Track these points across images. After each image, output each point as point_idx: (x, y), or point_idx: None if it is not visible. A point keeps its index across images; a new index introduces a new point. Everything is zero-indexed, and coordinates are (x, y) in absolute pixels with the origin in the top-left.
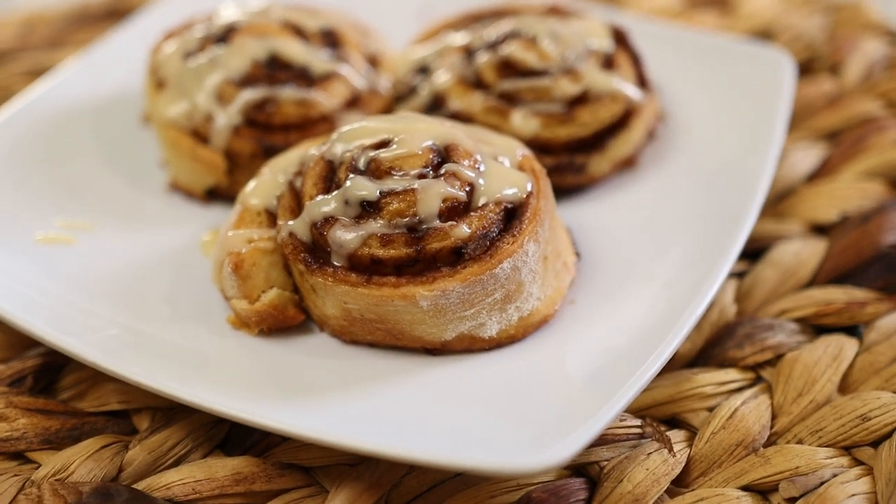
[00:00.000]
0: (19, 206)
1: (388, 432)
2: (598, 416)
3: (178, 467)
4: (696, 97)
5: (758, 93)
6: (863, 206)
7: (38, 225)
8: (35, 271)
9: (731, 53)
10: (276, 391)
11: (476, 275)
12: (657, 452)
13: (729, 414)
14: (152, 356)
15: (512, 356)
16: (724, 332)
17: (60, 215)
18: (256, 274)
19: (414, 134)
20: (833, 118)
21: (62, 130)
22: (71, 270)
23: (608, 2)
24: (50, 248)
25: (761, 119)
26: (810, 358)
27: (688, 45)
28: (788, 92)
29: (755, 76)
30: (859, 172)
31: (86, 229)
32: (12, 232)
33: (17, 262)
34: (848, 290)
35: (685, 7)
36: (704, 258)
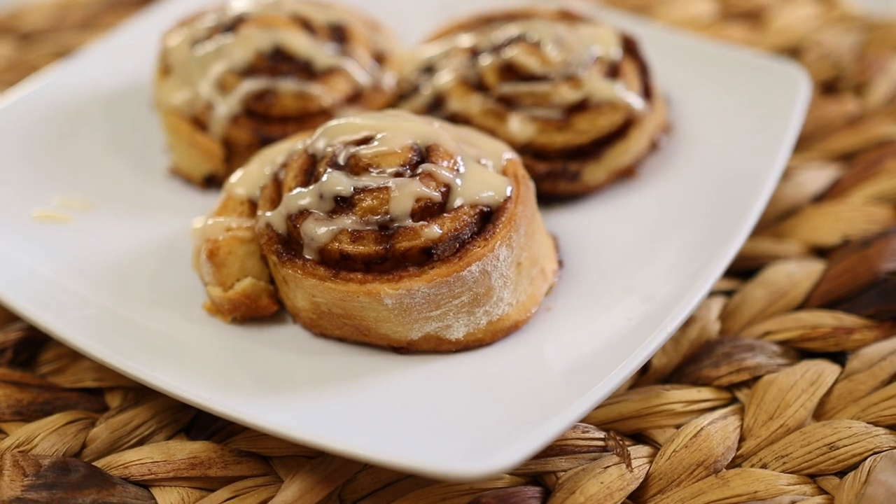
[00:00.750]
0: (22, 182)
1: (343, 428)
2: (548, 427)
3: (139, 447)
4: (708, 110)
5: (770, 109)
6: (868, 230)
7: (38, 201)
8: (25, 247)
9: (748, 67)
10: (238, 379)
11: (442, 276)
12: (615, 466)
13: (694, 433)
14: (123, 337)
15: (478, 360)
16: (703, 349)
17: (60, 193)
18: (232, 262)
19: (396, 132)
20: (851, 139)
21: (75, 111)
22: (60, 248)
23: (637, 10)
24: (44, 225)
25: (769, 136)
26: (786, 382)
27: (705, 56)
28: (800, 110)
29: (769, 92)
30: (869, 196)
31: (83, 209)
32: (11, 206)
33: (9, 237)
34: (837, 315)
35: (716, 19)
36: (689, 274)
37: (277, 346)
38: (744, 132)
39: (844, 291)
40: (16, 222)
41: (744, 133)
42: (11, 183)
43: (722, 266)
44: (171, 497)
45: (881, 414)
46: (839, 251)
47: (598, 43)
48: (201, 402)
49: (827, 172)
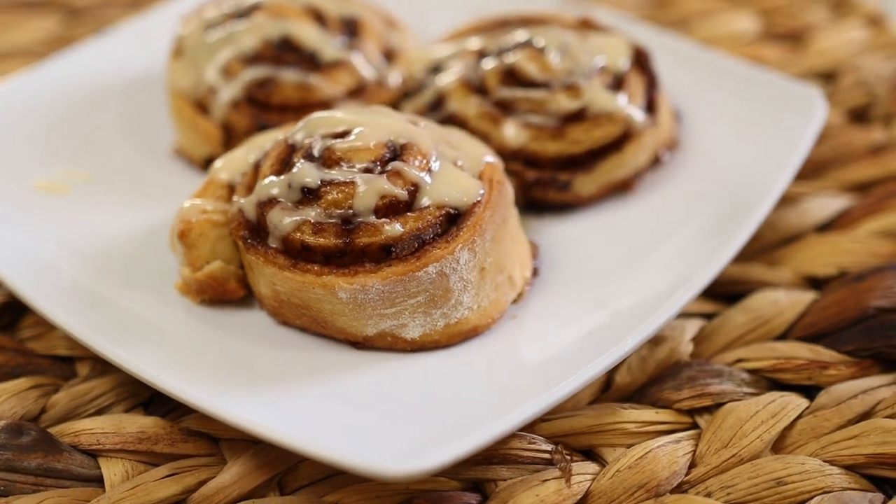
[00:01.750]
0: (32, 150)
1: (282, 417)
2: (481, 433)
3: (93, 418)
4: (719, 128)
5: (781, 132)
6: (867, 264)
7: (43, 170)
8: (18, 215)
9: (766, 87)
10: (190, 359)
11: (397, 275)
12: (555, 481)
13: (641, 454)
14: (90, 309)
15: (432, 361)
16: (669, 371)
17: (65, 165)
18: (202, 244)
19: (374, 128)
20: (869, 170)
21: (97, 88)
22: (52, 218)
23: (676, 25)
24: (43, 194)
25: (774, 160)
26: (747, 411)
27: (724, 74)
28: (810, 135)
29: (784, 114)
30: (876, 230)
31: (84, 181)
32: (17, 173)
33: (6, 203)
34: (816, 348)
35: (756, 38)
36: (661, 294)
37: (238, 331)
38: (751, 154)
39: (829, 325)
40: (17, 189)
41: (750, 154)
42: (22, 151)
43: (693, 292)
44: (115, 468)
45: (839, 453)
46: (832, 283)
47: (606, 53)
48: (147, 377)
49: (838, 202)
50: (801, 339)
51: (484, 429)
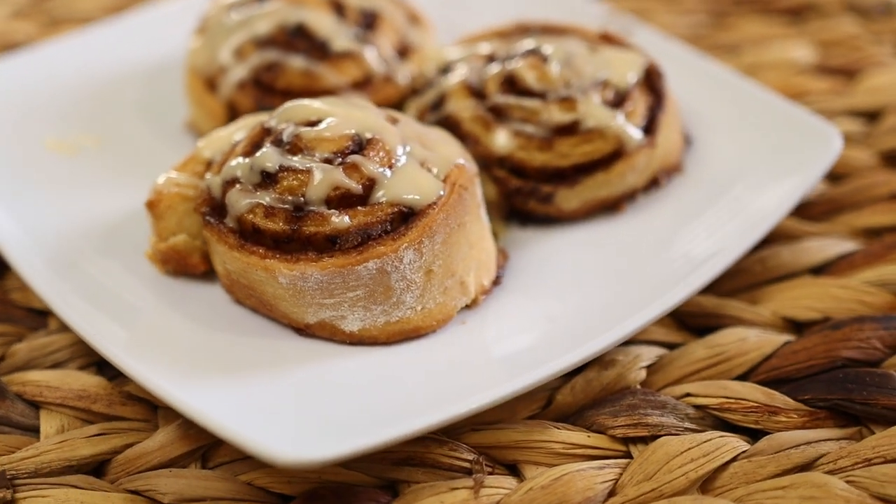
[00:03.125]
0: (51, 111)
1: (205, 392)
2: (383, 433)
3: (44, 370)
4: (727, 157)
5: (788, 168)
6: (854, 312)
7: (58, 130)
8: (20, 170)
9: (786, 120)
10: (138, 327)
11: (336, 266)
12: (466, 490)
13: (558, 476)
14: (63, 270)
15: (367, 356)
16: (612, 396)
17: (79, 128)
18: (170, 217)
19: (344, 120)
20: (886, 216)
21: (126, 60)
22: (51, 178)
23: (728, 50)
24: (49, 154)
25: (774, 195)
26: (680, 447)
27: (746, 101)
28: (815, 174)
29: (795, 150)
30: (872, 279)
31: (94, 146)
32: (30, 131)
33: (13, 159)
34: (770, 392)
35: (808, 69)
36: (615, 317)
37: (193, 305)
38: (752, 187)
39: (794, 370)
40: (28, 145)
41: (752, 187)
42: (43, 111)
43: (643, 321)
44: (53, 421)
45: (763, 502)
46: (811, 329)
47: (613, 68)
48: (85, 334)
49: (842, 245)
50: (762, 381)
51: (391, 428)
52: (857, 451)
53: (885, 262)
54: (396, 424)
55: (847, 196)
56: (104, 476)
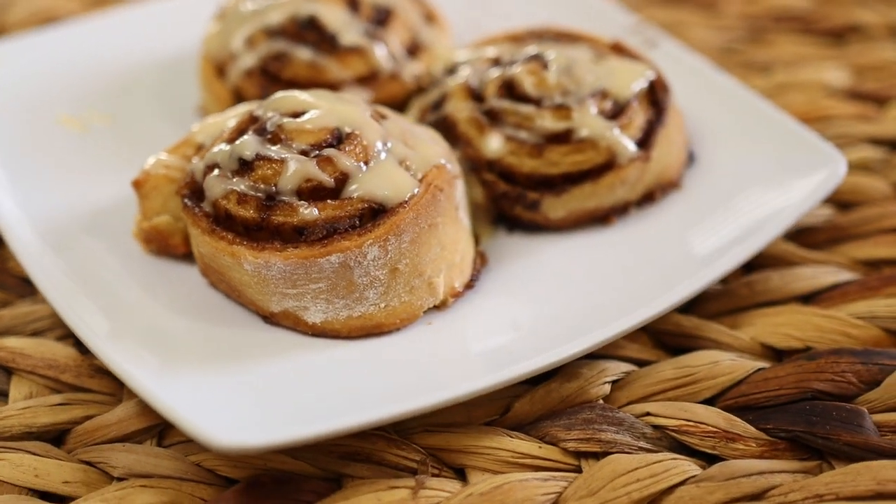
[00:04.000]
0: (67, 88)
1: (161, 370)
2: (323, 425)
3: (22, 337)
4: (727, 176)
5: (789, 190)
6: (836, 344)
7: (70, 107)
8: (27, 143)
9: (794, 143)
10: (109, 303)
11: (299, 258)
12: (405, 490)
13: (499, 484)
14: (45, 240)
15: (328, 348)
16: (569, 409)
17: (93, 105)
18: (155, 197)
19: (327, 114)
20: (890, 249)
21: (149, 43)
22: (54, 153)
23: (760, 70)
24: (60, 128)
25: (767, 218)
26: (627, 466)
27: (756, 121)
28: (812, 200)
29: (798, 174)
30: (860, 311)
31: (104, 124)
32: (45, 105)
33: (23, 131)
34: (732, 419)
35: (838, 92)
36: (578, 329)
37: (166, 284)
38: (746, 208)
39: (761, 399)
40: (39, 120)
41: (746, 209)
42: (63, 86)
43: (606, 336)
44: (23, 387)
45: None
46: (790, 358)
47: (616, 79)
48: (55, 304)
49: (837, 275)
50: (728, 407)
51: (333, 421)
52: (809, 486)
53: (879, 296)
54: (339, 418)
55: (853, 225)
56: (62, 445)
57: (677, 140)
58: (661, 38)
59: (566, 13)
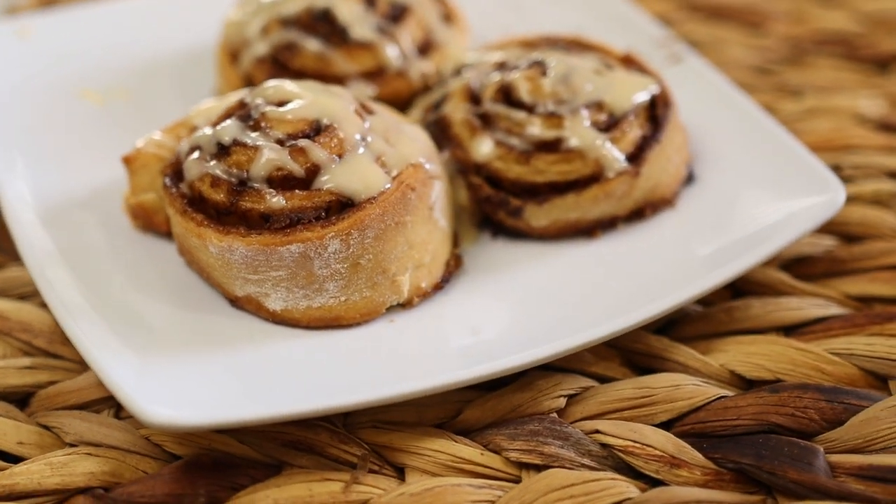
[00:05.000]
0: (93, 62)
1: (121, 346)
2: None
3: (6, 300)
4: (722, 197)
5: (782, 217)
6: (807, 379)
7: (93, 81)
8: (44, 111)
9: (797, 169)
10: (84, 276)
11: (260, 244)
12: (338, 483)
13: (432, 486)
14: (38, 209)
15: (284, 336)
16: (519, 418)
17: (114, 80)
18: (143, 174)
19: (310, 105)
20: (885, 287)
21: (181, 24)
22: (67, 126)
23: (793, 94)
24: (79, 102)
25: (754, 243)
26: (564, 481)
27: (763, 145)
28: (804, 227)
29: (796, 200)
30: (838, 348)
31: (122, 99)
32: (71, 77)
33: (41, 102)
34: (682, 445)
35: (868, 121)
36: (531, 341)
37: (146, 261)
38: (736, 232)
39: (718, 427)
40: (61, 92)
41: (736, 233)
42: (86, 61)
43: (560, 349)
44: None
45: None
46: (757, 388)
47: (616, 91)
48: (31, 271)
49: (825, 309)
50: (683, 433)
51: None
52: None
53: (861, 334)
54: (279, 405)
55: (854, 259)
56: (26, 408)
57: (674, 158)
58: (687, 54)
59: (597, 21)
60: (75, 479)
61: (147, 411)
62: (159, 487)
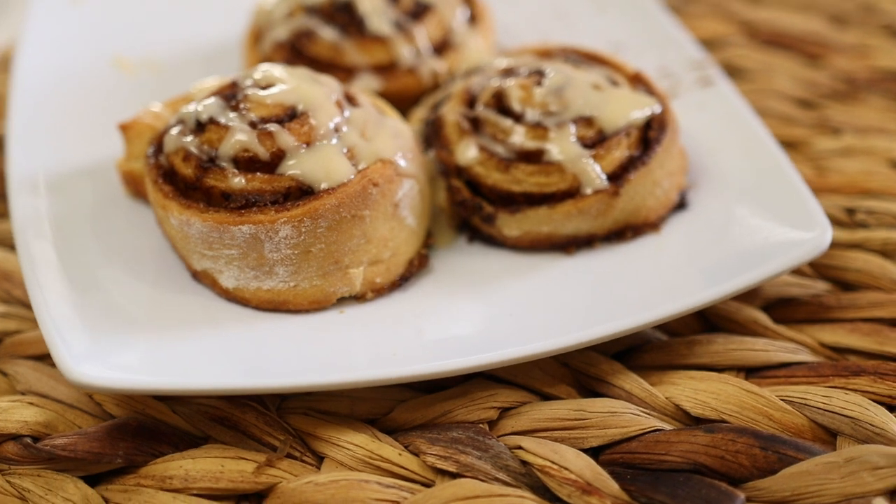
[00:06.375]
0: (131, 30)
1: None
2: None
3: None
4: (713, 228)
5: (764, 252)
6: (750, 423)
7: (128, 49)
8: (73, 77)
9: (793, 206)
10: (62, 233)
11: (215, 221)
12: (251, 463)
13: (338, 479)
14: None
15: (233, 314)
16: (445, 424)
17: (148, 51)
18: (137, 143)
19: (290, 91)
20: (863, 340)
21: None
22: (90, 87)
23: (820, 123)
24: (109, 69)
25: (725, 278)
26: (470, 493)
27: (766, 178)
28: (777, 268)
29: (784, 237)
30: (795, 397)
31: (152, 72)
32: (107, 45)
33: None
34: (600, 473)
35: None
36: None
37: (124, 227)
38: (712, 265)
39: (646, 460)
40: (97, 57)
41: (711, 265)
42: (127, 30)
43: (495, 360)
44: None
45: None
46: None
47: (609, 108)
48: (15, 228)
49: (792, 355)
50: (610, 461)
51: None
52: None
53: (822, 385)
54: (201, 379)
55: (840, 307)
56: None
57: (664, 182)
58: (719, 79)
59: (638, 36)
60: (9, 426)
61: (71, 366)
62: (82, 444)
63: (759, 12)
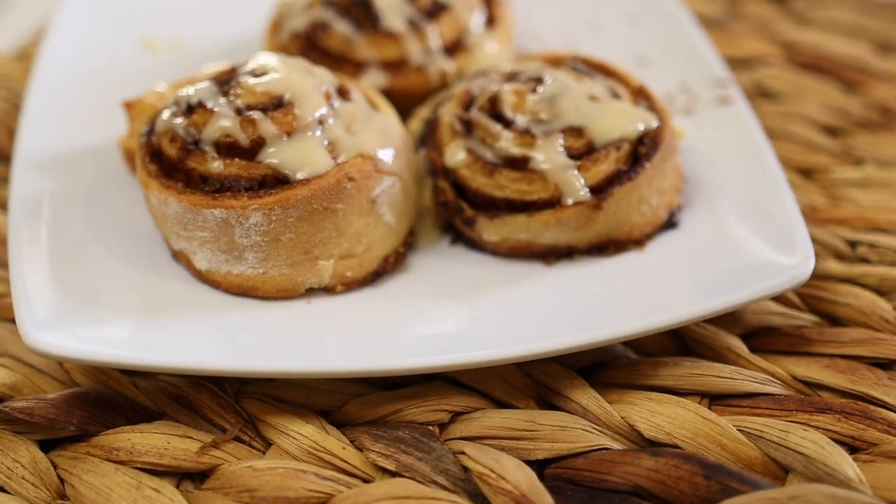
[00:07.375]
0: (168, 13)
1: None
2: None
3: None
4: (698, 250)
5: (743, 279)
6: (704, 451)
7: (158, 28)
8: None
9: (783, 232)
10: (58, 208)
11: (189, 203)
12: (197, 443)
13: (276, 466)
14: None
15: (202, 295)
16: (393, 422)
17: (177, 31)
18: (139, 121)
19: (280, 81)
20: (839, 378)
21: None
22: (114, 63)
23: (850, 159)
24: (134, 48)
25: (700, 301)
26: (403, 493)
27: (763, 205)
28: (749, 296)
29: (766, 265)
30: (753, 429)
31: (176, 53)
32: (136, 26)
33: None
34: (538, 488)
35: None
36: (433, 351)
37: (116, 203)
38: (688, 287)
39: (587, 477)
40: (123, 36)
41: (687, 287)
42: (160, 9)
43: (448, 362)
44: None
45: None
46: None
47: (602, 120)
48: (12, 197)
49: (760, 386)
50: (556, 475)
51: (147, 356)
52: None
53: (784, 419)
54: (157, 356)
55: (822, 342)
56: None
57: (652, 199)
58: (738, 99)
59: (664, 50)
60: None
61: (30, 330)
62: (40, 410)
63: (804, 34)
